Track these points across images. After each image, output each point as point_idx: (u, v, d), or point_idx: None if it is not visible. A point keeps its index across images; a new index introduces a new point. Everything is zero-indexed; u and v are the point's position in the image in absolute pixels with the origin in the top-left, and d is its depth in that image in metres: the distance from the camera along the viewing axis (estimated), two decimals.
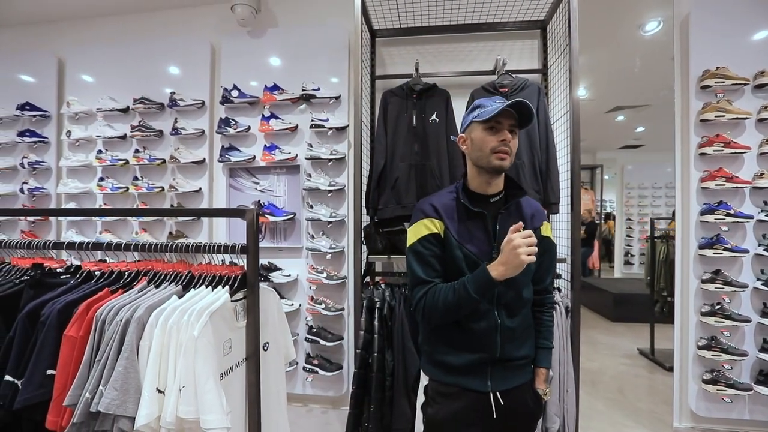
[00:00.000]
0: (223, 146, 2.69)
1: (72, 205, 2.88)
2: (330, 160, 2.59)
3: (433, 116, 2.23)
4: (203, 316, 0.92)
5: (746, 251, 2.31)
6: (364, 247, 2.25)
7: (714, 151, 2.34)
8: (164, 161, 2.75)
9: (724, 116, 2.32)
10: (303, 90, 2.60)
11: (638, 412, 2.60)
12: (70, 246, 1.14)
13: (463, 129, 1.22)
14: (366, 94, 2.48)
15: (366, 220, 2.32)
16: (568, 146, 2.14)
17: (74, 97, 2.91)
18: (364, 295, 2.13)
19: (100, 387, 0.90)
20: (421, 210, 1.19)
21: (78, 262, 1.30)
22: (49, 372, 0.99)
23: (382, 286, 2.26)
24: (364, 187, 2.27)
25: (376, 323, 2.08)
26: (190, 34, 2.87)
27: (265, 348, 1.16)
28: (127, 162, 2.79)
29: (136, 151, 2.79)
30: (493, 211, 1.17)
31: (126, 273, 1.17)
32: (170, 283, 1.11)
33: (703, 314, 2.34)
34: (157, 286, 1.10)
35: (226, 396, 0.92)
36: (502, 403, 1.13)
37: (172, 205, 2.76)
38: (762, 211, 2.33)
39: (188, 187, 2.70)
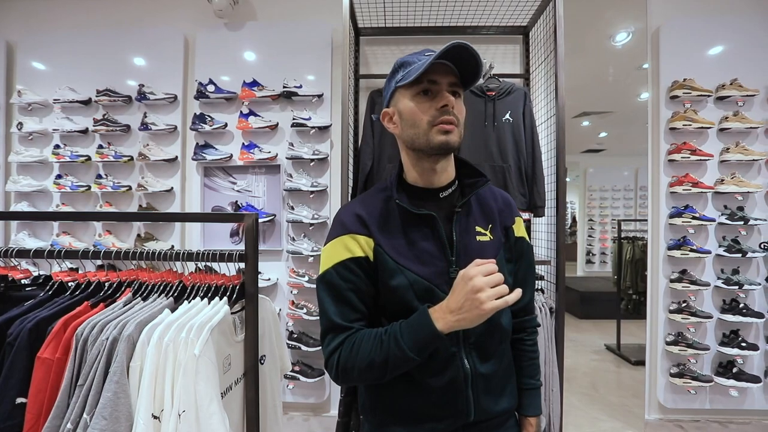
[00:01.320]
0: (197, 144, 2.55)
1: (24, 205, 2.62)
2: (312, 160, 2.51)
3: None
4: (204, 332, 0.84)
5: (709, 252, 2.46)
6: None
7: (681, 157, 2.47)
8: (132, 158, 2.57)
9: (690, 125, 2.46)
10: (284, 87, 2.51)
11: (611, 406, 2.72)
12: (50, 254, 1.02)
13: (386, 102, 0.85)
14: (350, 93, 2.43)
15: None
16: (551, 150, 2.19)
17: (26, 86, 2.65)
18: None
19: (84, 416, 0.80)
20: (339, 222, 0.83)
21: (45, 272, 1.17)
22: (19, 400, 0.88)
23: None
24: (350, 189, 2.22)
25: None
26: (161, 23, 2.69)
27: (262, 361, 1.09)
28: (89, 158, 2.58)
29: (100, 146, 2.58)
30: (445, 210, 0.83)
31: (106, 284, 1.06)
32: (159, 295, 1.02)
33: (671, 312, 2.48)
34: (144, 299, 1.00)
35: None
36: None
37: (140, 206, 2.58)
38: (722, 214, 2.49)
39: (159, 186, 2.53)
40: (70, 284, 1.07)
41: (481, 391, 0.79)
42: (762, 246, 2.51)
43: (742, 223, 2.44)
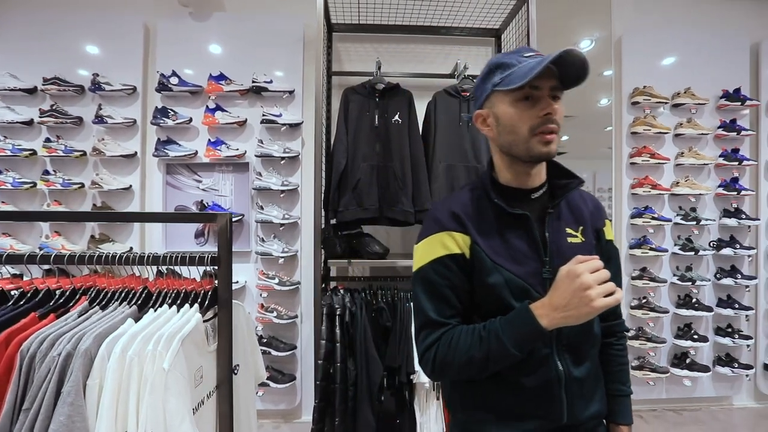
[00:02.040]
0: (159, 139, 2.39)
1: None
2: (283, 158, 2.43)
3: (396, 116, 2.19)
4: (174, 343, 0.77)
5: (666, 250, 2.60)
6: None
7: (642, 161, 2.60)
8: (85, 153, 2.37)
9: (650, 130, 2.59)
10: (254, 82, 2.41)
11: None
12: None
13: (480, 103, 0.82)
14: (324, 91, 2.37)
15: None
16: None
17: None
18: (323, 302, 2.03)
19: None
20: (434, 219, 0.82)
21: None
22: None
23: (341, 291, 2.18)
24: (323, 188, 2.16)
25: (337, 331, 1.99)
26: (119, 9, 2.50)
27: (236, 371, 1.03)
28: (34, 152, 2.36)
29: (48, 140, 2.37)
30: (537, 211, 0.82)
31: (57, 292, 0.95)
32: (120, 304, 0.93)
33: (633, 308, 2.60)
34: (103, 308, 0.91)
35: None
36: None
37: (95, 205, 2.39)
38: (677, 215, 2.65)
39: (116, 184, 2.36)
40: (13, 293, 0.96)
41: (575, 395, 0.78)
42: (711, 244, 2.69)
43: (694, 223, 2.60)
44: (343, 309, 2.04)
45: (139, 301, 0.93)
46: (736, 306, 2.64)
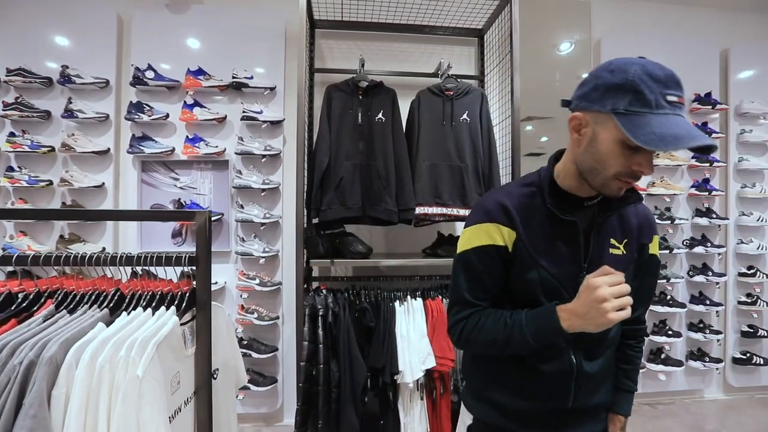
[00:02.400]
0: (134, 135, 2.30)
1: None
2: (264, 156, 2.38)
3: (380, 115, 2.17)
4: (149, 348, 0.73)
5: None
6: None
7: None
8: (53, 149, 2.26)
9: None
10: (234, 77, 2.35)
11: None
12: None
13: (585, 105, 0.75)
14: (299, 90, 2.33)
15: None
16: (506, 151, 2.25)
17: None
18: (306, 303, 1.99)
19: None
20: (484, 209, 0.85)
21: None
22: None
23: (324, 291, 2.14)
24: (305, 186, 2.12)
25: (320, 332, 1.96)
26: None
27: (215, 376, 0.99)
28: None
29: (12, 134, 2.24)
30: (587, 218, 0.84)
31: (20, 296, 0.89)
32: (90, 307, 0.88)
33: None
34: (71, 312, 0.86)
35: None
36: None
37: (64, 203, 2.28)
38: (653, 214, 2.71)
39: (87, 181, 2.26)
40: None
41: (583, 386, 0.85)
42: (684, 243, 2.77)
43: (669, 222, 2.68)
44: (325, 309, 2.01)
45: (111, 304, 0.88)
46: (708, 302, 2.74)
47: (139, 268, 1.03)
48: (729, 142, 2.88)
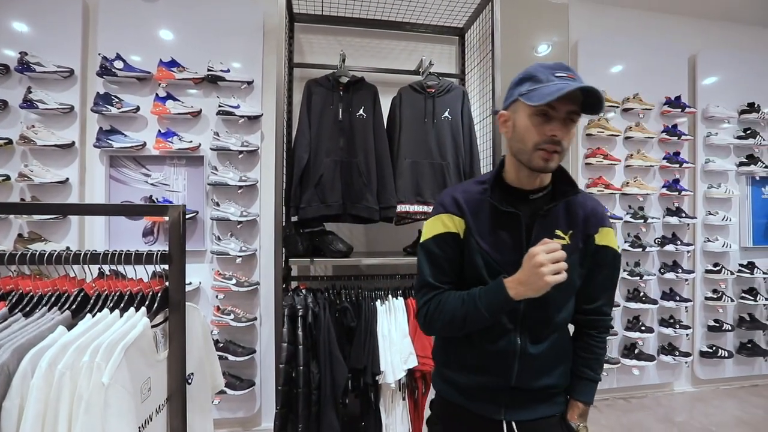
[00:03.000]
0: (101, 128, 2.18)
1: None
2: (241, 152, 2.30)
3: (361, 111, 2.13)
4: (116, 353, 0.67)
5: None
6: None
7: (596, 161, 2.72)
8: (11, 142, 2.11)
9: (603, 132, 2.72)
10: (209, 70, 2.26)
11: None
12: None
13: (506, 104, 0.92)
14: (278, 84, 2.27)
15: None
16: (486, 150, 2.26)
17: None
18: (285, 303, 1.94)
19: None
20: (440, 203, 0.98)
21: None
22: None
23: (303, 291, 2.09)
24: (284, 183, 2.06)
25: (299, 333, 1.91)
26: None
27: (189, 381, 0.93)
28: None
29: None
30: (532, 210, 0.93)
31: None
32: (50, 309, 0.80)
33: None
34: (27, 315, 0.78)
35: None
36: None
37: (22, 199, 2.14)
38: (627, 213, 2.80)
39: (49, 176, 2.12)
40: None
41: (526, 367, 0.93)
42: (656, 241, 2.86)
43: (642, 221, 2.76)
44: (305, 310, 1.96)
45: (74, 306, 0.81)
46: (678, 298, 2.84)
47: (106, 268, 0.96)
48: (696, 145, 2.99)
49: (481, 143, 2.31)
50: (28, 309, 0.80)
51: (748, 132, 3.04)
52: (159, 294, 0.84)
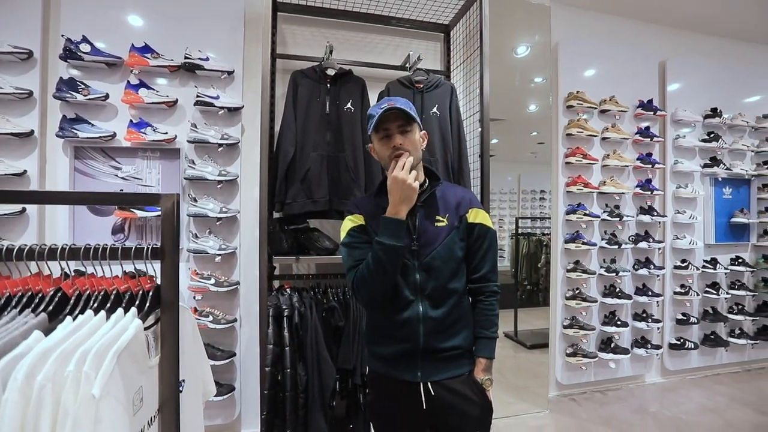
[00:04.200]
0: (65, 116, 2.01)
1: None
2: (221, 145, 2.18)
3: (348, 104, 2.08)
4: (107, 360, 0.58)
5: (595, 244, 2.82)
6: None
7: (575, 160, 2.79)
8: None
9: (582, 132, 2.79)
10: (186, 58, 2.13)
11: (517, 389, 2.95)
12: None
13: (369, 139, 1.25)
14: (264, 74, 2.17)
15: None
16: (474, 147, 2.26)
17: None
18: (269, 303, 1.85)
19: None
20: (347, 210, 1.25)
21: None
22: None
23: (288, 291, 2.01)
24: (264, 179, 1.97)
25: (285, 334, 1.83)
26: None
27: (181, 388, 0.84)
28: None
29: None
30: (414, 204, 1.16)
31: None
32: (20, 312, 0.70)
33: (567, 298, 2.78)
34: None
35: None
36: (433, 393, 1.12)
37: None
38: (604, 211, 2.88)
39: (3, 168, 1.93)
40: None
41: (430, 330, 1.12)
42: (630, 238, 2.97)
43: (618, 219, 2.85)
44: (291, 309, 1.89)
45: (50, 308, 0.71)
46: (650, 293, 2.95)
47: (68, 265, 0.86)
48: (666, 146, 3.13)
49: (468, 140, 2.31)
50: None
51: (712, 135, 3.21)
52: (150, 293, 0.76)
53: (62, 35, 2.01)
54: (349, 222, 1.20)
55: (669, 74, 3.18)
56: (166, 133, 2.12)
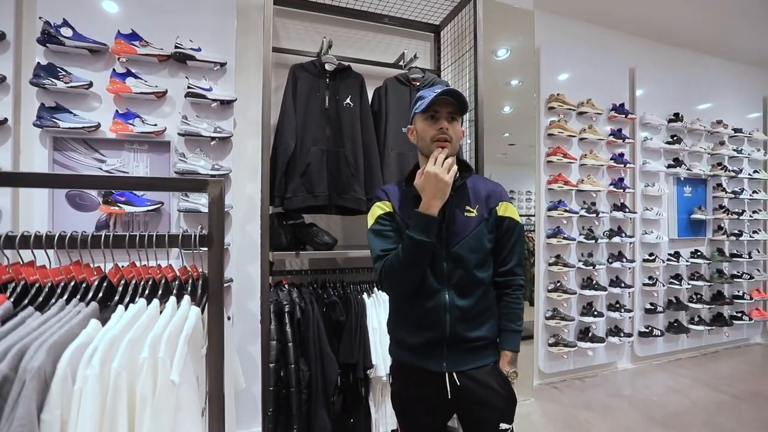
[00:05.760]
0: (43, 104, 1.87)
1: None
2: (213, 138, 2.12)
3: (348, 100, 2.08)
4: (179, 346, 0.57)
5: (574, 239, 2.97)
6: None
7: (556, 159, 2.92)
8: None
9: (563, 133, 2.93)
10: (177, 47, 2.05)
11: None
12: None
13: (410, 121, 1.25)
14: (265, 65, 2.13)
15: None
16: (468, 144, 2.32)
17: None
18: (269, 299, 1.82)
19: None
20: (376, 196, 1.25)
21: None
22: None
23: (287, 287, 1.99)
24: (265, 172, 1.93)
25: (288, 330, 1.81)
26: None
27: None
28: None
29: None
30: None
31: None
32: (67, 301, 0.66)
33: (549, 291, 2.91)
34: (40, 308, 0.64)
35: None
36: (458, 383, 1.12)
37: None
38: (582, 208, 3.04)
39: None
40: None
41: (457, 319, 1.12)
42: (605, 234, 3.15)
43: (595, 215, 3.02)
44: (291, 305, 1.87)
45: (98, 297, 0.68)
46: (622, 285, 3.15)
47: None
48: (636, 147, 3.35)
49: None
50: (38, 302, 0.66)
51: (675, 138, 3.47)
52: (200, 282, 0.74)
53: (40, 17, 1.87)
54: (378, 209, 1.19)
55: (638, 80, 3.41)
56: (156, 125, 2.02)
